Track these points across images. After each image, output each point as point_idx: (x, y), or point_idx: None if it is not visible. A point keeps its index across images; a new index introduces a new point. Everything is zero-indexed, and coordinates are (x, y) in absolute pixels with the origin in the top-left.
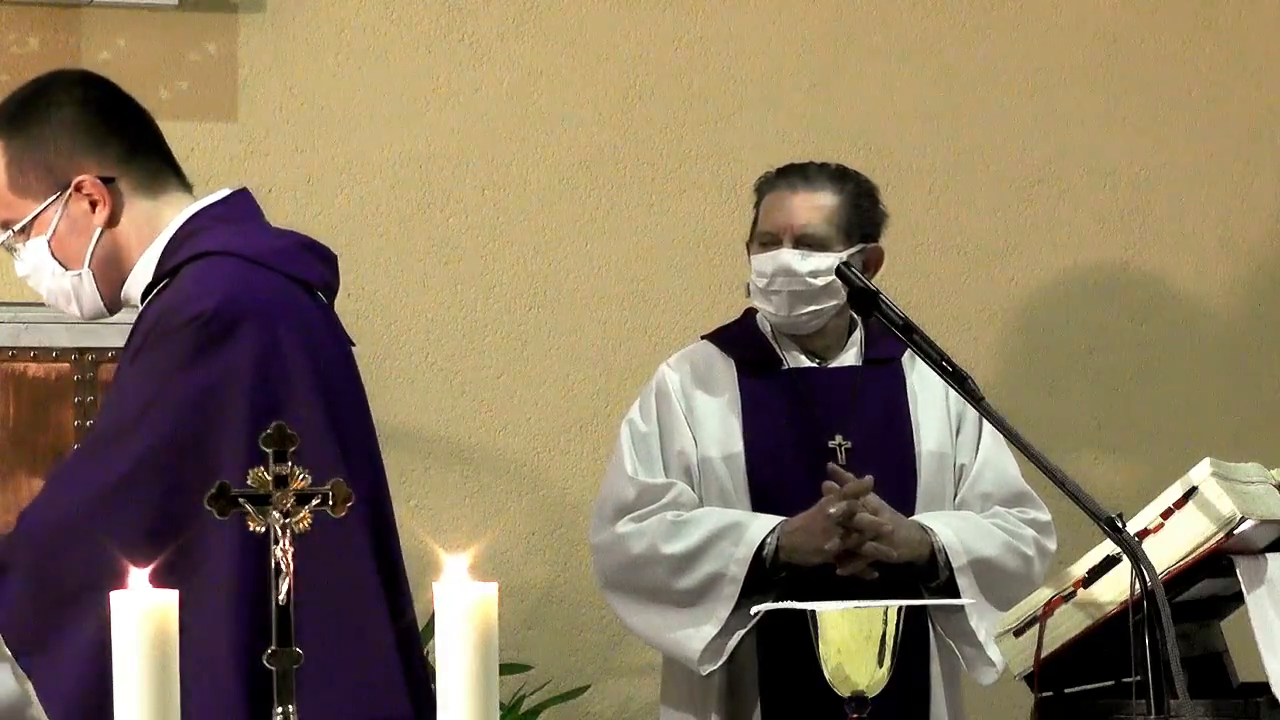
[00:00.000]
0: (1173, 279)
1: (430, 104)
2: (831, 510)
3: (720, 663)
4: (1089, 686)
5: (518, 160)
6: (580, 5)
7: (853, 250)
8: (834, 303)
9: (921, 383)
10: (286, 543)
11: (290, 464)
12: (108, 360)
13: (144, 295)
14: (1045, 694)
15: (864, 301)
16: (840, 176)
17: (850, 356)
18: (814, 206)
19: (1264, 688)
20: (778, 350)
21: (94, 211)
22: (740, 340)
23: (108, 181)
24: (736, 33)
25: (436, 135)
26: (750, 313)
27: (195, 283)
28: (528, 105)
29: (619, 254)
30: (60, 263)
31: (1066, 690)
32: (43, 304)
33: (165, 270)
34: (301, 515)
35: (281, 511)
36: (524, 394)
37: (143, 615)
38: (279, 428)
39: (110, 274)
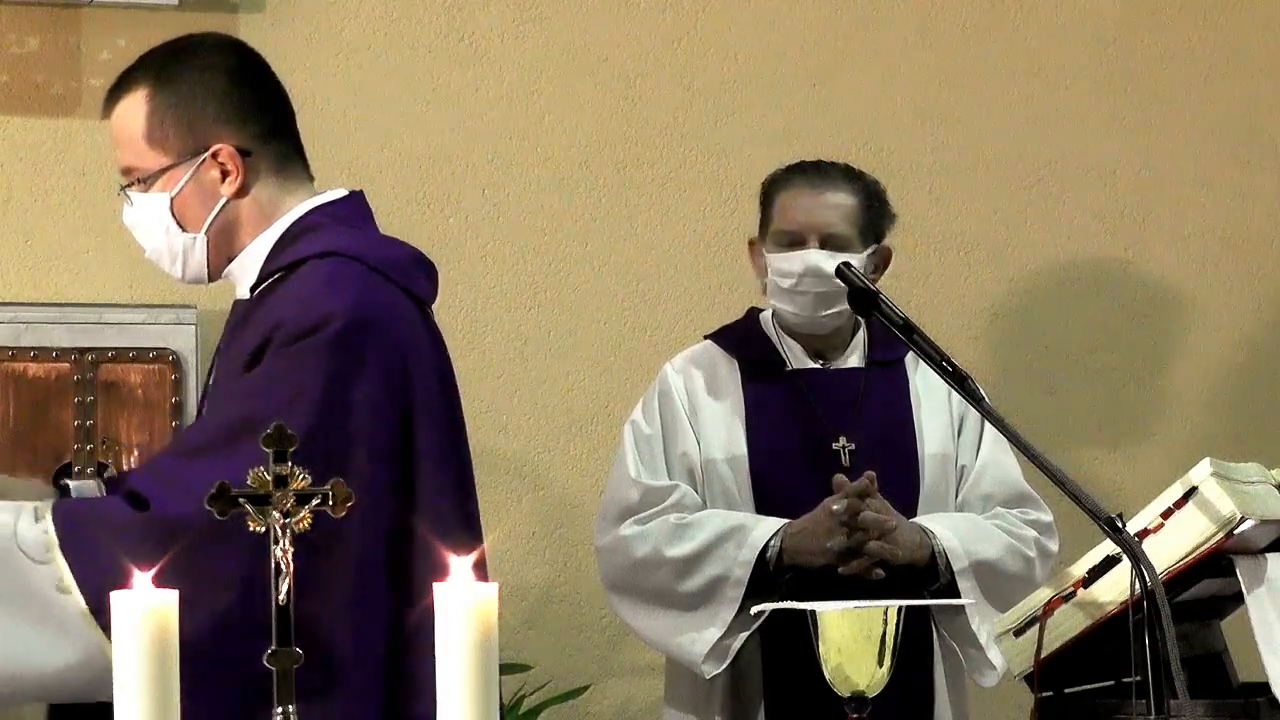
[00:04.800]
0: (1173, 279)
1: (430, 104)
2: (835, 507)
3: (725, 665)
4: (1089, 686)
5: (518, 160)
6: (580, 5)
7: (870, 250)
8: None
9: (925, 385)
10: (286, 543)
11: (290, 464)
12: (108, 360)
13: (257, 282)
14: (1045, 694)
15: (864, 301)
16: (852, 176)
17: (854, 358)
18: (836, 206)
19: (1264, 688)
20: (782, 351)
21: (223, 181)
22: (744, 340)
23: (243, 155)
24: (736, 33)
25: (436, 135)
26: (753, 312)
27: (325, 286)
28: (528, 105)
29: (619, 254)
30: (178, 222)
31: (1066, 690)
32: (43, 304)
33: (282, 262)
34: (301, 515)
35: (281, 511)
36: (524, 394)
37: (143, 615)
38: (278, 428)
39: (221, 245)
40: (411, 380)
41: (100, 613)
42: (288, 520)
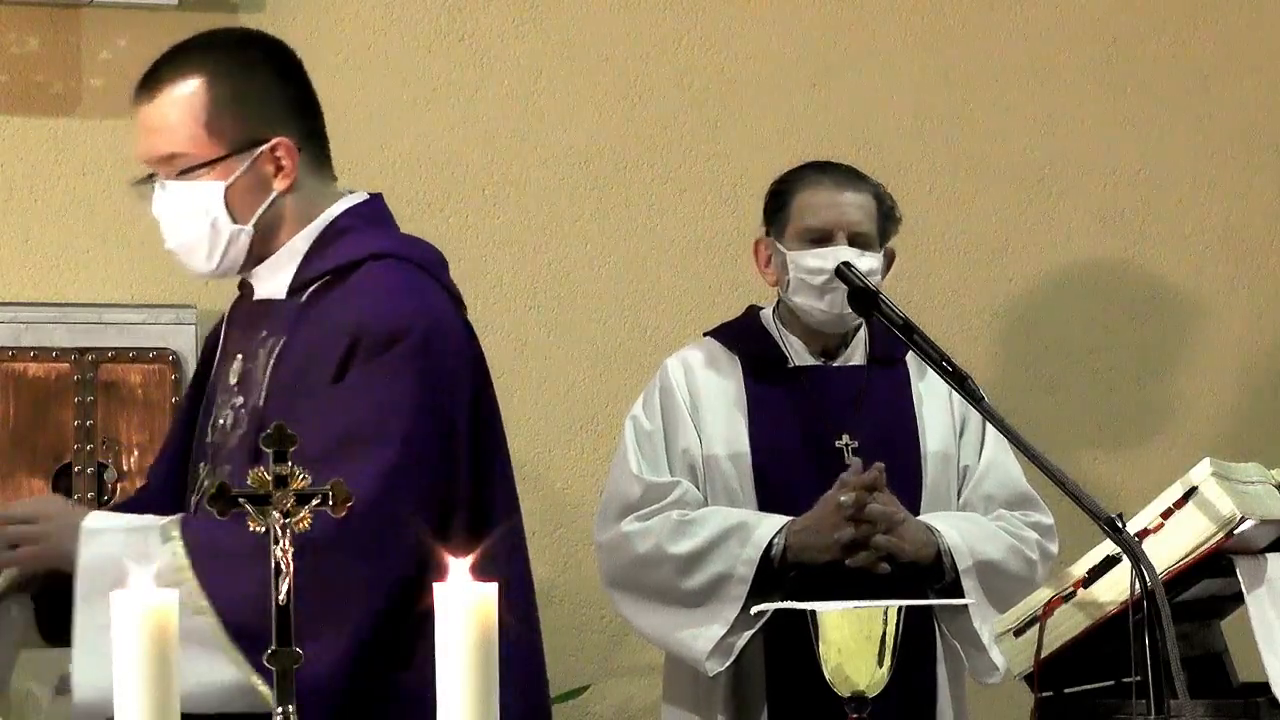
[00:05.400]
0: (1173, 279)
1: (430, 104)
2: (843, 499)
3: (728, 663)
4: (1089, 686)
5: (518, 160)
6: (580, 5)
7: (883, 251)
8: None
9: (926, 384)
10: (286, 543)
11: (290, 464)
12: (107, 360)
13: (302, 282)
14: (1045, 694)
15: (864, 301)
16: (864, 177)
17: (856, 356)
18: (860, 205)
19: (1264, 688)
20: (784, 348)
21: (276, 176)
22: (745, 337)
23: (297, 151)
24: (736, 33)
25: (436, 135)
26: (753, 310)
27: (397, 291)
28: (528, 105)
29: (619, 254)
30: (229, 212)
31: (1066, 690)
32: (43, 304)
33: (329, 264)
34: (301, 515)
35: (281, 511)
36: (524, 394)
37: (143, 615)
38: (279, 428)
39: (261, 240)
40: (480, 381)
41: (236, 632)
42: (288, 520)
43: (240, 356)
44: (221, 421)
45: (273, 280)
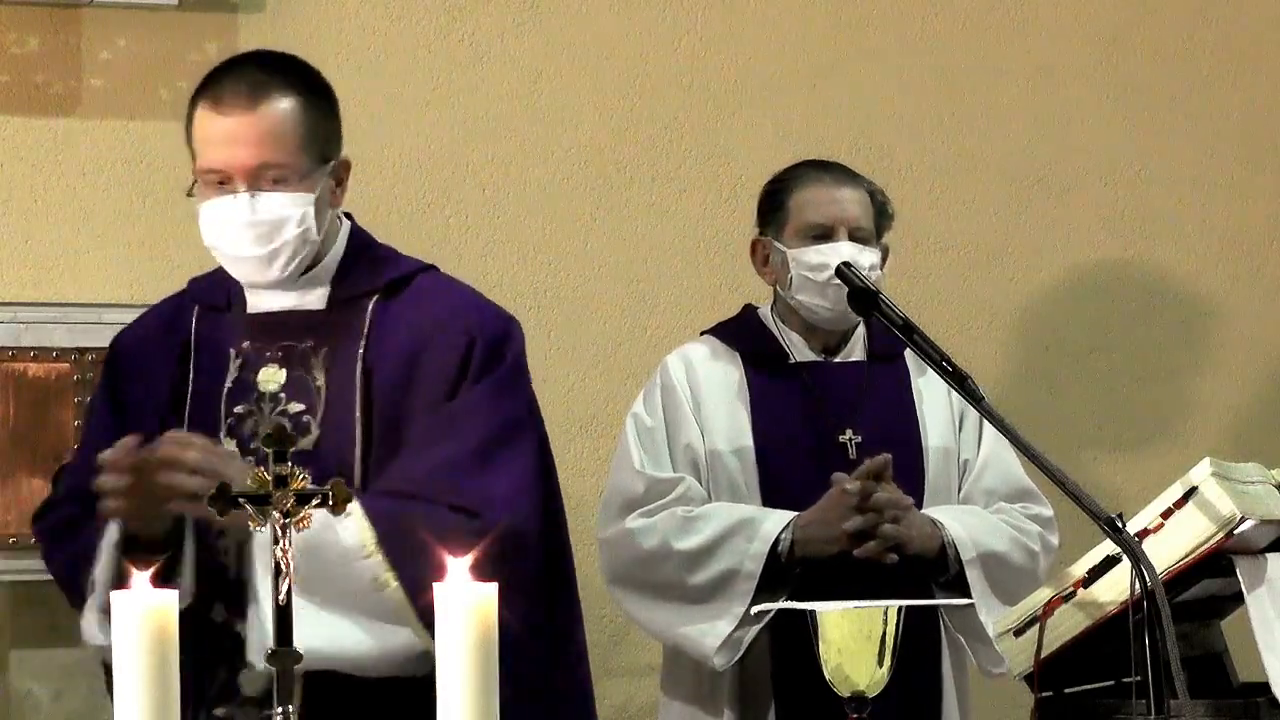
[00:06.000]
0: (1173, 279)
1: (430, 104)
2: (849, 487)
3: (736, 658)
4: (1089, 686)
5: (518, 160)
6: (580, 5)
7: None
8: None
9: (926, 380)
10: (286, 543)
11: (290, 464)
12: None
13: (360, 292)
14: (1045, 694)
15: (864, 301)
16: (857, 175)
17: (856, 352)
18: (859, 201)
19: (1264, 688)
20: (784, 344)
21: (336, 191)
22: (745, 334)
23: None
24: (736, 33)
25: (436, 135)
26: (750, 308)
27: (477, 296)
28: (528, 105)
29: (619, 254)
30: (315, 223)
31: (1066, 690)
32: (43, 304)
33: (384, 276)
34: (301, 515)
35: (281, 511)
36: None
37: (143, 615)
38: (279, 428)
39: (312, 252)
40: None
41: (420, 606)
42: (288, 520)
43: (276, 366)
44: (263, 429)
45: (302, 293)
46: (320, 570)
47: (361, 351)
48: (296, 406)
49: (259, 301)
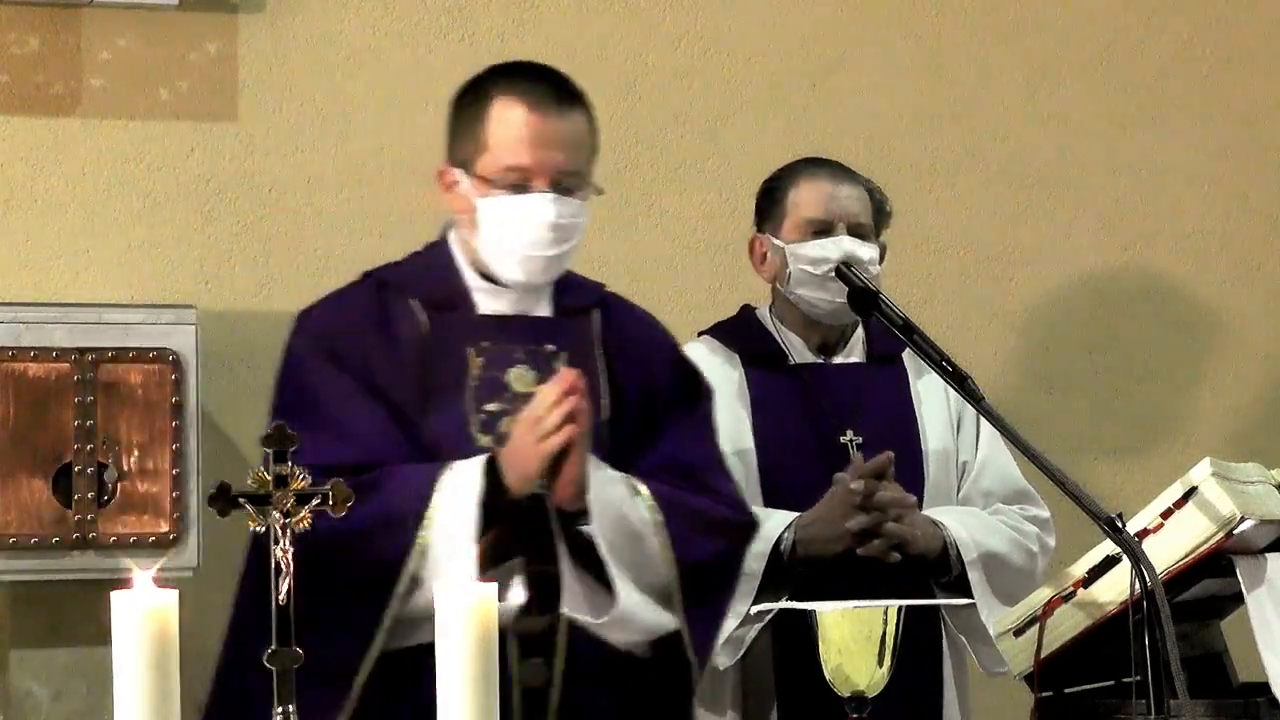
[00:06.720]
0: (1173, 279)
1: (430, 104)
2: (853, 485)
3: (738, 657)
4: (1089, 686)
5: None
6: (580, 5)
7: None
8: None
9: (924, 382)
10: (286, 543)
11: (290, 464)
12: (108, 360)
13: (571, 308)
14: (1045, 694)
15: (864, 301)
16: (854, 173)
17: (855, 353)
18: (858, 198)
19: (1264, 688)
20: (783, 345)
21: None
22: (743, 335)
23: None
24: (736, 33)
25: (436, 135)
26: (748, 309)
27: (659, 324)
28: None
29: (619, 253)
30: None
31: (1066, 690)
32: (43, 304)
33: (592, 295)
34: (301, 515)
35: (281, 511)
36: None
37: (143, 615)
38: (279, 428)
39: None
40: None
41: (683, 586)
42: (288, 520)
43: (525, 367)
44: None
45: (530, 301)
46: (627, 543)
47: (600, 354)
48: None
49: (491, 304)
